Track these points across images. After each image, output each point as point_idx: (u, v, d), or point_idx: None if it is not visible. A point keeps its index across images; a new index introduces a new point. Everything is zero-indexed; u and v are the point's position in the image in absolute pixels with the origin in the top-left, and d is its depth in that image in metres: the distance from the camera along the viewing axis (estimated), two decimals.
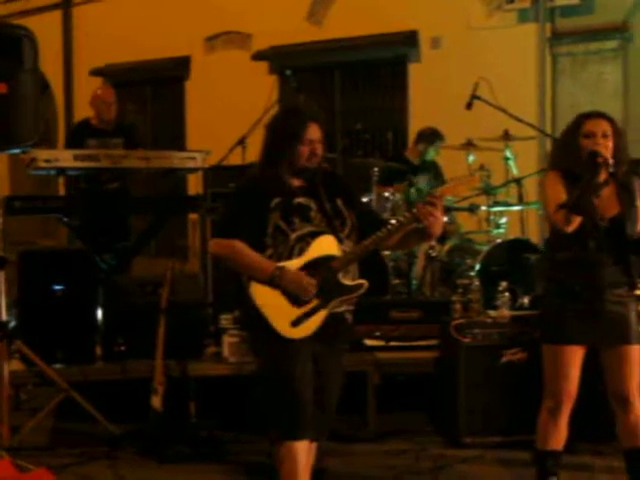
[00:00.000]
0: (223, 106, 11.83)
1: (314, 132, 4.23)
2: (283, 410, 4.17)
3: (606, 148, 4.38)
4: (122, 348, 6.10)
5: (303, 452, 4.22)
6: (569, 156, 4.47)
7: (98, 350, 6.16)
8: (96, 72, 13.91)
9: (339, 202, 4.30)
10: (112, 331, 6.16)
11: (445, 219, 7.71)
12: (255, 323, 4.20)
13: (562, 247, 4.47)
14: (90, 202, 7.41)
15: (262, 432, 4.67)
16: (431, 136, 8.63)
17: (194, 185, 7.97)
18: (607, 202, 4.43)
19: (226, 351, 6.08)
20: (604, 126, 4.43)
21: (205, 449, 5.70)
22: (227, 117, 10.64)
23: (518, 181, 7.68)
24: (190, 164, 7.02)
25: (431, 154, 8.63)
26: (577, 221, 4.29)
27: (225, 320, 6.14)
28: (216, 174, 7.14)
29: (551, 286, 4.59)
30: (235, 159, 7.56)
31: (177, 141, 13.03)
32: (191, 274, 7.85)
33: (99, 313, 6.21)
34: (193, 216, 8.74)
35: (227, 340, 6.07)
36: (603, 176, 4.38)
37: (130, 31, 12.98)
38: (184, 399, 5.87)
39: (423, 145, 8.62)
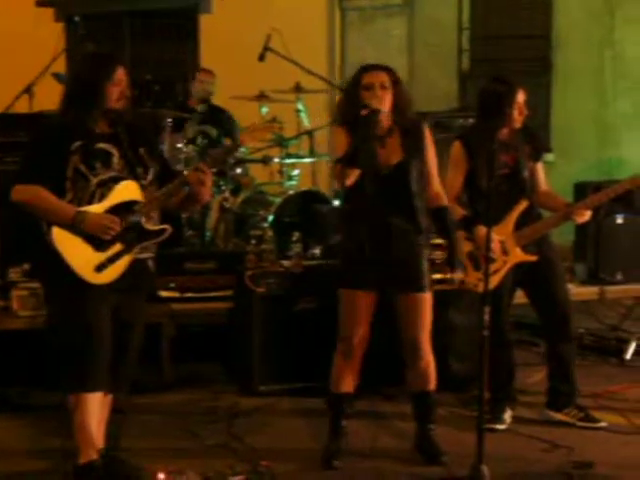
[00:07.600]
0: (7, 53, 11.28)
1: (122, 74, 4.24)
2: (77, 361, 4.13)
3: (383, 99, 4.48)
4: None
5: (95, 404, 4.20)
6: (351, 110, 4.54)
7: None
8: None
9: (142, 151, 4.31)
10: None
11: (239, 170, 7.79)
12: (53, 270, 4.14)
13: (349, 198, 4.58)
14: None
15: (55, 386, 4.59)
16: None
17: None
18: (391, 150, 4.54)
19: (15, 305, 5.93)
20: (382, 77, 4.52)
21: None
22: (11, 65, 10.17)
23: (309, 133, 7.80)
24: None
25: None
26: (354, 174, 4.37)
27: (14, 273, 5.99)
28: (1, 123, 6.88)
29: (342, 236, 4.70)
30: (21, 107, 7.30)
31: None
32: None
33: None
34: None
35: (16, 293, 5.93)
36: (386, 124, 4.51)
37: None
38: None
39: (195, 93, 8.60)
